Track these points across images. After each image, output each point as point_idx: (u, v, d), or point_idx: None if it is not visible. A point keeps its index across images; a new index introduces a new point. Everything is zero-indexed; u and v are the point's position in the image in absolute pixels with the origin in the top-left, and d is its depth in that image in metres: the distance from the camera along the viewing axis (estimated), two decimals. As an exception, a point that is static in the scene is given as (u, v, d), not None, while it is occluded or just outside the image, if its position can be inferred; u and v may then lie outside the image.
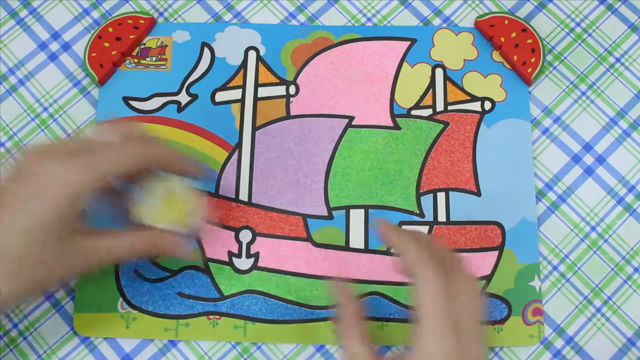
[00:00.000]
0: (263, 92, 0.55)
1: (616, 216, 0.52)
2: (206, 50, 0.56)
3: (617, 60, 0.56)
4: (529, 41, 0.55)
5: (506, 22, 0.56)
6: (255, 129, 0.54)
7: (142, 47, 0.56)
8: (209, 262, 0.51)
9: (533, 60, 0.55)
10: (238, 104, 0.54)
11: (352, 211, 0.52)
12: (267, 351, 0.50)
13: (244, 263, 0.51)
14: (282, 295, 0.50)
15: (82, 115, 0.55)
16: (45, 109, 0.55)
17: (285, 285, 0.51)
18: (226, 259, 0.51)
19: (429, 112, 0.54)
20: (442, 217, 0.52)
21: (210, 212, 0.50)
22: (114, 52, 0.54)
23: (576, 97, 0.55)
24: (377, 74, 0.55)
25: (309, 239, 0.52)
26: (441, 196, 0.52)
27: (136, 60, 0.55)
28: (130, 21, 0.55)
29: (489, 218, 0.52)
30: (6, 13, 0.57)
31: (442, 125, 0.54)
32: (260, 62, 0.55)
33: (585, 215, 0.52)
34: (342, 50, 0.56)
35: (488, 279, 0.51)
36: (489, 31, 0.55)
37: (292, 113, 0.54)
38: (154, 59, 0.55)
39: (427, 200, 0.52)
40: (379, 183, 0.53)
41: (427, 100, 0.55)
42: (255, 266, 0.51)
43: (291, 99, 0.54)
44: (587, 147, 0.54)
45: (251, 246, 0.51)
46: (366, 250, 0.51)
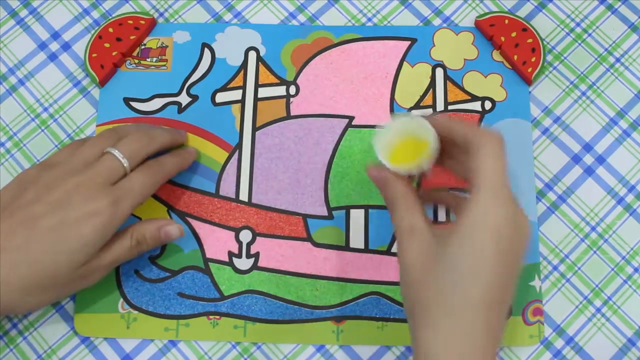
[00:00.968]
0: (263, 92, 0.55)
1: (616, 216, 0.52)
2: (206, 51, 0.56)
3: (617, 60, 0.56)
4: (529, 41, 0.55)
5: (506, 21, 0.56)
6: (255, 129, 0.54)
7: (143, 47, 0.56)
8: (209, 262, 0.51)
9: (533, 59, 0.55)
10: (238, 105, 0.54)
11: (352, 211, 0.52)
12: (267, 351, 0.50)
13: (244, 263, 0.51)
14: (282, 295, 0.50)
15: (82, 116, 0.55)
16: (46, 109, 0.55)
17: (285, 285, 0.51)
18: (226, 259, 0.51)
19: (429, 112, 0.54)
20: (442, 217, 0.52)
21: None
22: (114, 53, 0.54)
23: (576, 97, 0.55)
24: (377, 74, 0.55)
25: (309, 239, 0.52)
26: (441, 196, 0.53)
27: (137, 61, 0.55)
28: (130, 22, 0.55)
29: (489, 218, 0.52)
30: (6, 13, 0.57)
31: (442, 125, 0.54)
32: (260, 63, 0.55)
33: (585, 215, 0.52)
34: (342, 50, 0.56)
35: (488, 279, 0.51)
36: (489, 31, 0.55)
37: (292, 113, 0.54)
38: (154, 59, 0.55)
39: (427, 200, 0.52)
40: (379, 183, 0.53)
41: (428, 100, 0.55)
42: (255, 266, 0.51)
43: (291, 99, 0.54)
44: (587, 147, 0.54)
45: (251, 246, 0.51)
46: (366, 250, 0.51)
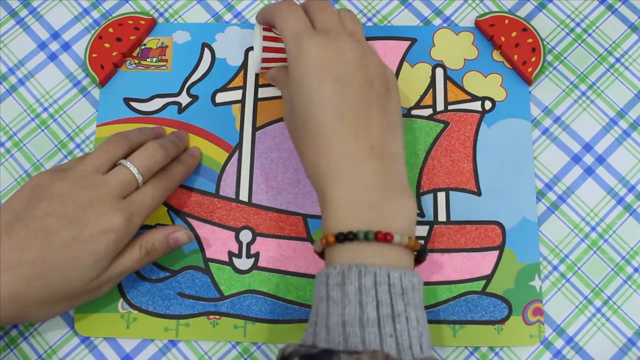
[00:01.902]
0: (263, 92, 0.55)
1: (616, 216, 0.52)
2: (206, 51, 0.56)
3: (617, 60, 0.56)
4: (530, 40, 0.55)
5: (506, 21, 0.56)
6: (255, 129, 0.54)
7: (143, 47, 0.56)
8: (209, 262, 0.51)
9: (533, 59, 0.54)
10: (238, 105, 0.54)
11: (352, 211, 0.52)
12: (267, 351, 0.50)
13: (244, 263, 0.51)
14: (282, 295, 0.50)
15: (82, 116, 0.55)
16: (45, 109, 0.55)
17: (285, 285, 0.51)
18: (226, 259, 0.51)
19: (429, 111, 0.54)
20: (442, 217, 0.52)
21: None
22: (114, 53, 0.54)
23: (576, 97, 0.55)
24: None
25: (309, 239, 0.52)
26: (441, 196, 0.52)
27: (137, 61, 0.55)
28: (130, 22, 0.55)
29: (489, 218, 0.52)
30: (6, 13, 0.57)
31: (442, 125, 0.54)
32: (260, 62, 0.55)
33: (585, 215, 0.52)
34: (342, 50, 0.56)
35: (488, 278, 0.51)
36: (489, 31, 0.55)
37: (292, 113, 0.54)
38: (154, 59, 0.55)
39: (427, 200, 0.52)
40: (379, 183, 0.53)
41: (428, 100, 0.55)
42: (255, 266, 0.51)
43: (291, 99, 0.54)
44: (587, 147, 0.54)
45: (251, 246, 0.51)
46: (366, 250, 0.51)
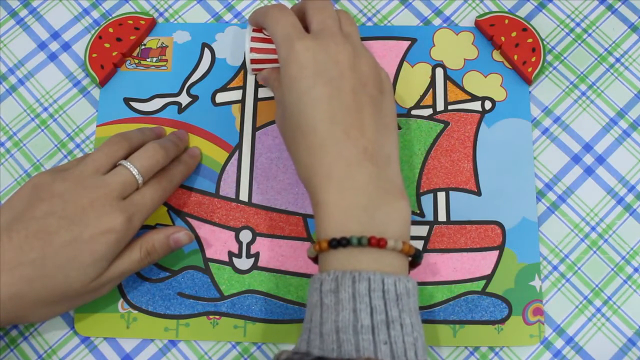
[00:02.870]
0: (263, 92, 0.55)
1: (616, 216, 0.52)
2: (206, 51, 0.56)
3: (617, 60, 0.56)
4: (530, 40, 0.55)
5: (506, 21, 0.56)
6: (255, 129, 0.54)
7: (143, 47, 0.56)
8: (209, 262, 0.51)
9: (533, 59, 0.54)
10: (238, 105, 0.54)
11: (352, 211, 0.52)
12: (267, 351, 0.50)
13: (244, 263, 0.51)
14: (282, 295, 0.50)
15: (82, 116, 0.55)
16: (45, 109, 0.55)
17: (285, 285, 0.51)
18: (226, 259, 0.51)
19: (429, 111, 0.54)
20: (442, 217, 0.52)
21: None
22: (114, 53, 0.54)
23: (576, 97, 0.55)
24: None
25: (309, 239, 0.52)
26: (441, 196, 0.52)
27: (137, 61, 0.55)
28: (130, 22, 0.55)
29: (489, 218, 0.52)
30: (6, 13, 0.57)
31: (442, 125, 0.54)
32: (260, 62, 0.55)
33: (585, 215, 0.52)
34: (342, 50, 0.56)
35: (488, 278, 0.51)
36: (489, 30, 0.55)
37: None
38: (154, 59, 0.55)
39: (427, 200, 0.52)
40: (379, 183, 0.53)
41: (428, 100, 0.55)
42: (255, 266, 0.51)
43: (291, 99, 0.54)
44: (587, 147, 0.54)
45: (251, 246, 0.51)
46: (366, 250, 0.51)
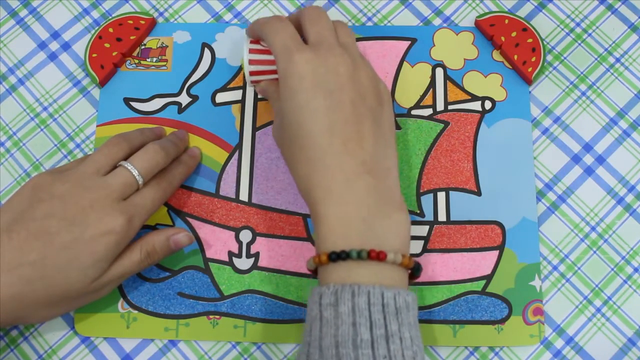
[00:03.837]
0: (263, 92, 0.55)
1: (616, 216, 0.52)
2: (207, 51, 0.56)
3: (617, 60, 0.56)
4: (530, 40, 0.55)
5: (506, 21, 0.56)
6: (255, 129, 0.54)
7: (143, 47, 0.56)
8: (209, 262, 0.51)
9: (533, 59, 0.54)
10: (238, 105, 0.54)
11: (352, 211, 0.52)
12: (267, 351, 0.50)
13: (244, 263, 0.51)
14: (282, 295, 0.50)
15: (82, 116, 0.55)
16: (45, 109, 0.55)
17: (285, 285, 0.51)
18: (226, 259, 0.51)
19: (429, 111, 0.54)
20: (442, 217, 0.52)
21: None
22: (114, 53, 0.54)
23: (576, 97, 0.55)
24: (377, 74, 0.55)
25: (309, 239, 0.52)
26: (441, 196, 0.52)
27: (137, 61, 0.55)
28: (130, 22, 0.55)
29: (489, 218, 0.52)
30: (6, 13, 0.57)
31: (442, 125, 0.54)
32: (260, 62, 0.55)
33: (585, 215, 0.52)
34: (342, 50, 0.56)
35: (488, 278, 0.51)
36: (489, 30, 0.55)
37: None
38: (154, 59, 0.55)
39: (427, 200, 0.52)
40: (379, 183, 0.53)
41: (428, 100, 0.55)
42: (255, 266, 0.51)
43: (291, 99, 0.54)
44: (587, 147, 0.54)
45: (251, 246, 0.51)
46: (366, 250, 0.51)
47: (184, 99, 0.54)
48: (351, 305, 0.38)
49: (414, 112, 0.54)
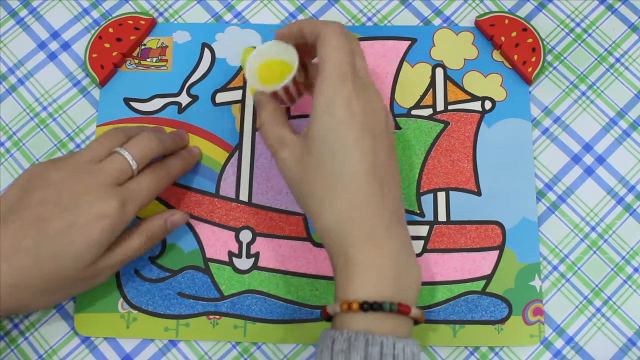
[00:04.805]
0: (263, 92, 0.55)
1: (616, 216, 0.52)
2: (206, 51, 0.56)
3: (617, 60, 0.56)
4: (530, 40, 0.55)
5: (506, 21, 0.56)
6: (255, 129, 0.54)
7: (143, 47, 0.56)
8: (209, 262, 0.51)
9: (533, 59, 0.54)
10: (238, 105, 0.54)
11: (352, 211, 0.52)
12: (267, 351, 0.50)
13: (244, 263, 0.51)
14: (282, 295, 0.50)
15: (82, 116, 0.55)
16: (45, 109, 0.55)
17: (285, 285, 0.51)
18: (226, 259, 0.51)
19: (429, 111, 0.54)
20: (442, 217, 0.52)
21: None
22: (114, 53, 0.54)
23: (576, 97, 0.55)
24: (377, 74, 0.55)
25: (309, 239, 0.52)
26: (441, 196, 0.53)
27: (137, 61, 0.55)
28: (130, 22, 0.55)
29: (489, 218, 0.52)
30: (6, 13, 0.57)
31: (442, 125, 0.54)
32: (260, 62, 0.55)
33: (585, 215, 0.52)
34: (342, 50, 0.56)
35: (488, 278, 0.51)
36: (489, 30, 0.55)
37: (293, 113, 0.54)
38: (154, 59, 0.55)
39: (427, 200, 0.52)
40: (379, 183, 0.53)
41: (428, 100, 0.55)
42: (255, 266, 0.51)
43: (291, 99, 0.54)
44: (587, 147, 0.54)
45: (251, 246, 0.51)
46: (366, 250, 0.51)
47: (184, 99, 0.54)
48: (364, 354, 0.37)
49: (414, 112, 0.54)
